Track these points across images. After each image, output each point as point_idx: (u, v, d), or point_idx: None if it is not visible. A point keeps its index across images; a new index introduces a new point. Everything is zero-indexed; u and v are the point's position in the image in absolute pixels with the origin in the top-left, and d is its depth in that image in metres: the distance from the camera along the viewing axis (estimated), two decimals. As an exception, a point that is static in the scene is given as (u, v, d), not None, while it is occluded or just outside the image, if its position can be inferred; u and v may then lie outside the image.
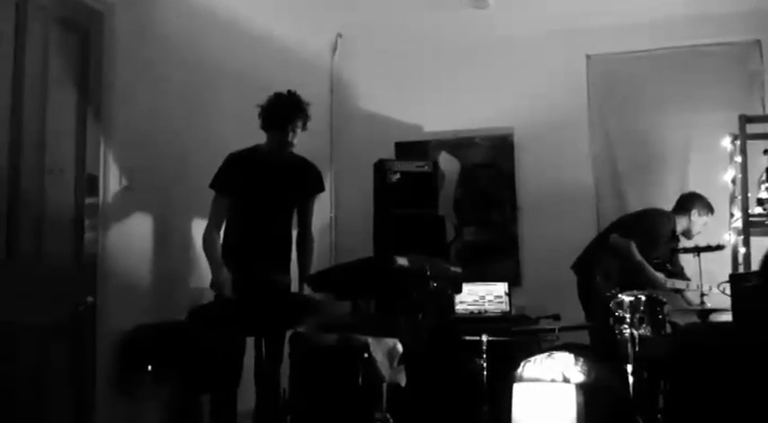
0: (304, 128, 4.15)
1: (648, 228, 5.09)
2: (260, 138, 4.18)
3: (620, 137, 6.04)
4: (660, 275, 5.02)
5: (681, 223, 5.18)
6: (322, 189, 4.38)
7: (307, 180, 4.31)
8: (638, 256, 4.97)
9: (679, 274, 5.21)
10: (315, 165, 4.35)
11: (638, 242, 4.99)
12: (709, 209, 5.17)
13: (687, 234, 5.21)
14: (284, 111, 4.08)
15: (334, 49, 6.52)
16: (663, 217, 5.18)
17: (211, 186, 4.07)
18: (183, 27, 4.50)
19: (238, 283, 3.92)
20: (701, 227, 5.17)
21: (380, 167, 5.91)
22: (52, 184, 3.49)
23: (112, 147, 3.85)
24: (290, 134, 4.09)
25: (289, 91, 4.13)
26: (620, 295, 4.25)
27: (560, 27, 6.03)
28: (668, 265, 5.14)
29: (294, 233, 4.32)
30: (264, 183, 4.13)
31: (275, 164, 4.16)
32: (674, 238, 5.23)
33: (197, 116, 4.57)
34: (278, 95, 4.13)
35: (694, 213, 5.16)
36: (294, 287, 4.24)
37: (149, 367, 3.75)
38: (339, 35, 6.49)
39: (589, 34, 6.05)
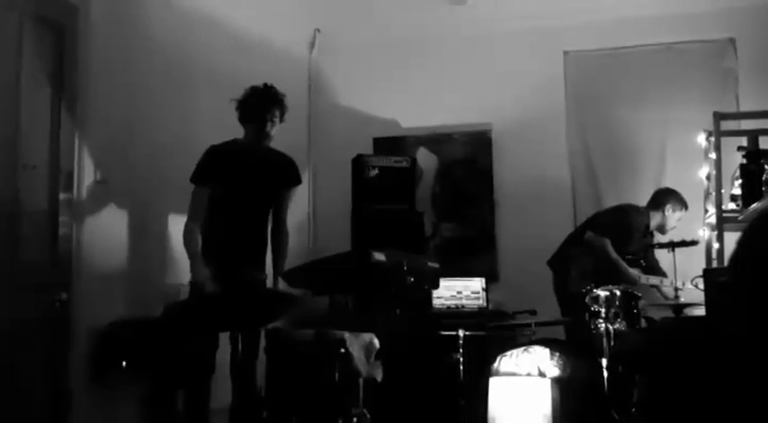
0: (282, 119, 4.17)
1: (622, 224, 5.14)
2: (237, 133, 4.17)
3: (596, 133, 6.08)
4: (634, 272, 5.06)
5: (655, 219, 5.23)
6: (299, 182, 4.40)
7: (284, 172, 4.32)
8: (614, 254, 5.01)
9: (654, 268, 5.26)
10: (291, 158, 4.35)
11: (613, 238, 5.03)
12: (682, 204, 5.23)
13: (661, 229, 5.26)
14: (261, 102, 4.10)
15: (313, 45, 6.51)
16: (636, 213, 5.23)
17: (192, 179, 4.06)
18: (160, 23, 4.48)
19: (216, 278, 3.91)
20: (675, 222, 5.23)
21: (358, 163, 5.92)
22: (26, 179, 3.46)
23: (87, 142, 3.82)
24: (269, 125, 4.10)
25: (265, 84, 4.13)
26: (595, 290, 4.29)
27: (538, 24, 6.06)
28: (642, 261, 5.18)
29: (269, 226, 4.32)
30: (244, 175, 4.13)
31: (254, 156, 4.15)
32: (649, 233, 5.28)
33: (174, 111, 4.55)
34: (254, 88, 4.13)
35: (668, 209, 5.21)
36: (269, 281, 4.24)
37: (124, 363, 3.73)
38: (317, 31, 6.48)
39: (566, 31, 6.08)
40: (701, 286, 4.15)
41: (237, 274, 4.06)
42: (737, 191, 4.86)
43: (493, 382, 3.88)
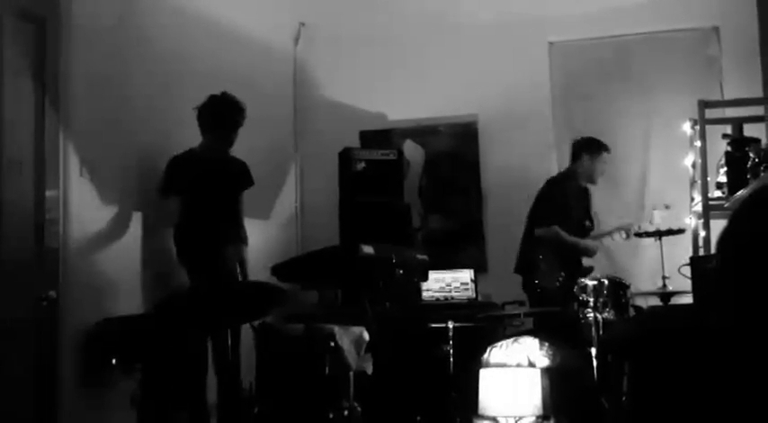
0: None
1: (555, 201, 5.16)
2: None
3: (582, 123, 6.08)
4: (591, 242, 5.11)
5: (580, 173, 5.22)
6: (252, 183, 4.54)
7: (240, 177, 4.48)
8: (568, 238, 5.07)
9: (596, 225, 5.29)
10: (244, 161, 4.51)
11: (559, 220, 5.07)
12: (599, 146, 5.20)
13: (590, 179, 5.24)
14: (229, 112, 4.29)
15: (297, 39, 6.49)
16: (557, 184, 5.26)
17: (160, 191, 4.20)
18: (143, 17, 4.44)
19: (195, 282, 3.97)
20: (601, 166, 5.19)
21: (345, 156, 5.90)
22: (10, 176, 3.43)
23: (72, 138, 3.79)
24: (235, 134, 4.31)
25: (223, 93, 4.29)
26: (582, 279, 4.30)
27: (522, 14, 6.06)
28: (587, 222, 5.18)
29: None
30: (208, 181, 4.27)
31: (214, 163, 4.31)
32: (583, 191, 5.25)
33: (158, 106, 4.52)
34: (218, 97, 4.29)
35: (585, 158, 5.19)
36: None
37: (114, 361, 3.71)
38: (302, 24, 6.45)
39: (551, 22, 6.09)
40: (689, 274, 4.17)
41: (218, 272, 4.11)
42: (723, 178, 4.88)
43: (483, 373, 3.88)
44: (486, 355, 4.08)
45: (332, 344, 3.99)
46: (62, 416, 3.59)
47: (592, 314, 4.19)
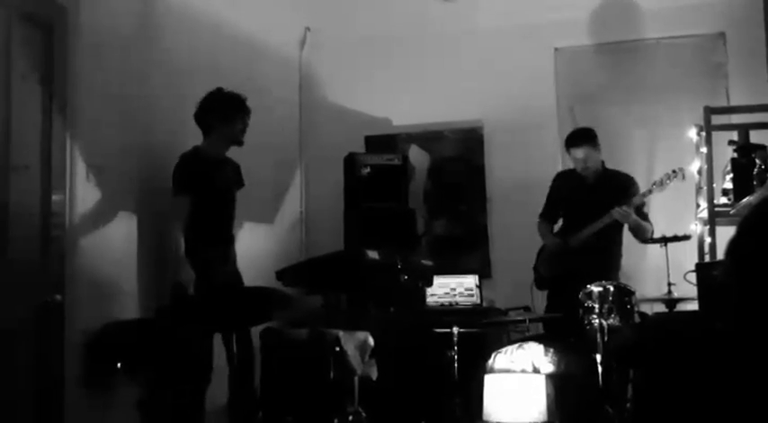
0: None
1: (549, 194, 5.29)
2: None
3: (587, 129, 6.08)
4: (550, 239, 5.17)
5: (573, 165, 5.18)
6: (242, 184, 4.55)
7: (236, 176, 4.48)
8: (539, 231, 5.24)
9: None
10: (236, 162, 4.50)
11: (542, 213, 5.24)
12: (566, 143, 5.14)
13: (582, 168, 5.11)
14: (239, 110, 4.25)
15: (303, 44, 6.50)
16: (557, 176, 5.35)
17: (177, 189, 4.16)
18: (149, 22, 4.46)
19: (202, 280, 3.95)
20: (575, 162, 5.09)
21: (350, 161, 5.91)
22: (18, 180, 3.44)
23: (78, 142, 3.80)
24: (229, 129, 4.25)
25: (219, 88, 4.26)
26: (589, 286, 4.29)
27: (528, 20, 6.06)
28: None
29: None
30: (216, 181, 4.26)
31: (215, 162, 4.28)
32: (574, 181, 5.20)
33: (164, 111, 4.53)
34: (214, 94, 4.25)
35: (570, 151, 5.12)
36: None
37: (119, 365, 3.72)
38: (308, 29, 6.47)
39: (557, 27, 6.08)
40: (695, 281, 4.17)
41: (222, 273, 4.10)
42: (729, 185, 4.88)
43: (488, 379, 3.88)
44: (490, 361, 4.08)
45: (337, 349, 3.99)
46: (67, 419, 3.59)
47: (597, 320, 4.17)
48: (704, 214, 5.09)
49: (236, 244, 4.47)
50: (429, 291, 5.55)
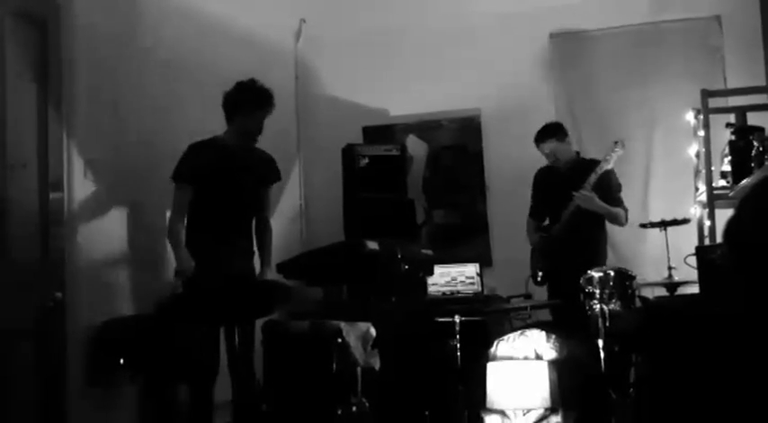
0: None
1: (532, 191, 5.35)
2: (223, 126, 4.17)
3: (584, 114, 6.08)
4: (532, 236, 5.24)
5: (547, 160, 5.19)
6: (279, 178, 4.45)
7: (265, 170, 4.33)
8: (527, 228, 5.31)
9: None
10: (271, 155, 4.37)
11: (538, 212, 5.27)
12: (536, 137, 5.14)
13: (553, 161, 5.15)
14: (258, 101, 4.09)
15: (298, 35, 6.48)
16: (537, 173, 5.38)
17: (174, 177, 4.05)
18: (144, 17, 4.44)
19: (205, 272, 3.90)
20: (548, 150, 5.12)
21: (348, 152, 5.90)
22: (15, 179, 3.43)
23: (76, 140, 3.79)
24: (253, 123, 4.09)
25: (253, 80, 4.10)
26: (590, 271, 4.28)
27: (523, 6, 6.05)
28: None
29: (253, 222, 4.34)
30: (227, 174, 4.10)
31: (236, 153, 4.14)
32: (550, 175, 5.22)
33: (161, 106, 4.52)
34: (246, 84, 4.09)
35: (539, 146, 5.14)
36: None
37: (121, 361, 3.72)
38: (303, 20, 6.44)
39: (552, 13, 6.07)
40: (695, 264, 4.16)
41: (226, 267, 4.05)
42: (727, 168, 4.88)
43: (490, 366, 3.88)
44: (493, 349, 4.08)
45: (339, 340, 3.99)
46: (69, 416, 3.59)
47: (598, 305, 4.17)
48: (703, 197, 5.09)
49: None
50: (430, 280, 5.56)
